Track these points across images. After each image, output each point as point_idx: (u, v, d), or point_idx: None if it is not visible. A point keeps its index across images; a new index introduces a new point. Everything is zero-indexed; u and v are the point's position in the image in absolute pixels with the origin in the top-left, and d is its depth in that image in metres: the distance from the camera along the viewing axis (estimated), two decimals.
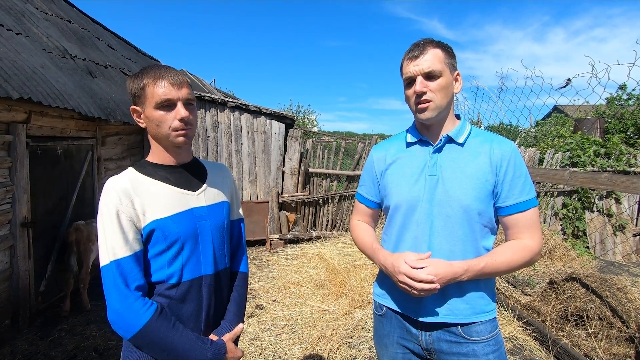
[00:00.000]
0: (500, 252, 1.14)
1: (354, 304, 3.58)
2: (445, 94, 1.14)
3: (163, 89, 1.02)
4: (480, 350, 1.14)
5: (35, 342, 3.00)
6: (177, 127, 1.04)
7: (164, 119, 1.03)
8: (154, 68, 1.05)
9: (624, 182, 2.09)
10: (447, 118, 1.20)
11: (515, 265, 1.13)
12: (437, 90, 1.13)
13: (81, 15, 6.36)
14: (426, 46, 1.14)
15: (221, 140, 5.89)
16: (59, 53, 4.11)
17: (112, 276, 0.95)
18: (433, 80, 1.13)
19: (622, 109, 7.81)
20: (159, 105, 1.02)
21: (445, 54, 1.15)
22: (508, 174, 1.13)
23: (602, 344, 2.63)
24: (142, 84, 1.03)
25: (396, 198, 1.23)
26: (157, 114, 1.03)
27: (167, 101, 1.02)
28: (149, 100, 1.03)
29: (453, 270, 1.07)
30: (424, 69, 1.12)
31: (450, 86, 1.16)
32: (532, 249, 1.13)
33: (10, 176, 3.06)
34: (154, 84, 1.02)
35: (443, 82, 1.13)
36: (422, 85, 1.12)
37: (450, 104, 1.19)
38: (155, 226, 1.02)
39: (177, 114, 1.03)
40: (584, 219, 5.59)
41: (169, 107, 1.03)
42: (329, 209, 6.26)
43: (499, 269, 1.12)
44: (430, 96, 1.13)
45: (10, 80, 2.78)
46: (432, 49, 1.14)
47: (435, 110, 1.14)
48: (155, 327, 0.96)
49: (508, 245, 1.16)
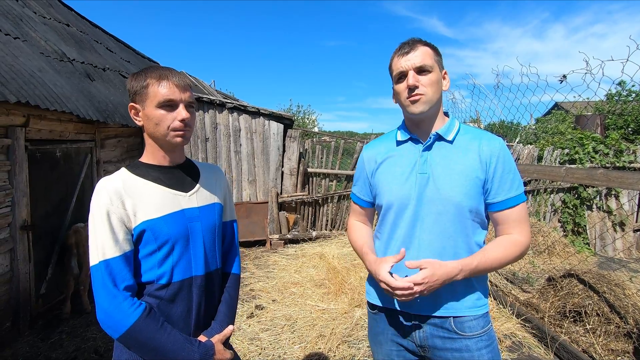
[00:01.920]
0: (492, 248, 1.15)
1: (353, 303, 3.59)
2: (436, 88, 1.17)
3: (167, 89, 1.04)
4: (473, 345, 1.16)
5: (36, 344, 3.02)
6: (177, 127, 1.05)
7: (164, 118, 1.04)
8: (159, 68, 1.07)
9: (619, 177, 2.09)
10: (436, 115, 1.22)
11: (507, 261, 1.15)
12: (428, 85, 1.15)
13: (79, 19, 6.37)
14: (416, 43, 1.18)
15: (220, 142, 5.91)
16: (57, 56, 4.12)
17: (101, 276, 0.96)
18: (424, 75, 1.15)
19: (622, 105, 7.79)
20: (161, 104, 1.04)
21: (433, 52, 1.19)
22: (498, 170, 1.14)
23: (600, 339, 2.63)
24: (145, 83, 1.04)
25: (387, 197, 1.24)
26: (158, 113, 1.04)
27: (170, 101, 1.04)
28: (151, 98, 1.04)
29: (447, 271, 1.08)
30: (416, 63, 1.14)
31: (440, 82, 1.19)
32: (522, 243, 1.16)
33: (10, 180, 3.08)
34: (158, 83, 1.04)
35: (434, 77, 1.16)
36: (414, 79, 1.14)
37: (439, 101, 1.21)
38: (146, 227, 1.03)
39: (178, 114, 1.05)
40: (583, 216, 5.59)
41: (170, 107, 1.05)
42: (329, 209, 6.27)
43: (492, 266, 1.14)
44: (422, 90, 1.15)
45: (8, 84, 2.79)
46: (421, 46, 1.17)
47: (427, 104, 1.16)
48: (143, 326, 0.96)
49: (499, 241, 1.17)
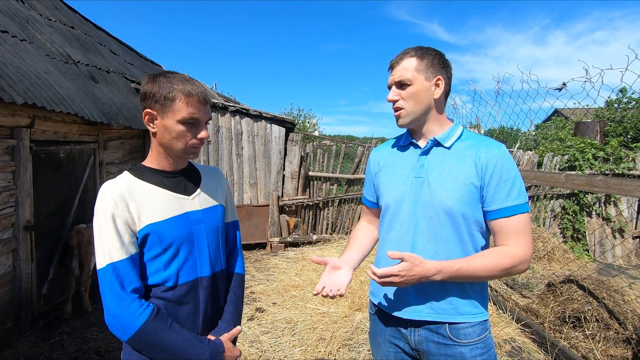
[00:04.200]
0: (480, 256, 1.11)
1: (354, 306, 3.60)
2: (416, 100, 1.17)
3: (194, 108, 1.04)
4: (467, 353, 1.14)
5: (37, 344, 3.03)
6: (195, 144, 1.08)
7: (184, 135, 1.05)
8: (184, 81, 1.05)
9: (618, 184, 2.12)
10: (430, 122, 1.22)
11: (495, 271, 1.09)
12: (407, 98, 1.18)
13: (84, 21, 6.44)
14: (403, 56, 1.20)
15: (222, 145, 5.94)
16: (62, 59, 4.17)
17: (109, 279, 0.97)
18: (404, 89, 1.18)
19: (622, 112, 7.83)
20: (185, 121, 1.04)
21: (419, 62, 1.17)
22: (493, 177, 1.12)
23: (599, 345, 2.64)
24: (172, 95, 1.03)
25: (385, 198, 1.28)
26: (179, 128, 1.04)
27: (194, 120, 1.05)
28: (175, 112, 1.03)
29: (426, 268, 1.05)
30: (395, 79, 1.19)
31: (424, 92, 1.17)
32: (517, 256, 1.10)
33: (14, 180, 3.10)
34: (186, 100, 1.03)
35: (413, 89, 1.17)
36: (393, 94, 1.20)
37: (428, 110, 1.20)
38: (150, 230, 1.04)
39: (198, 132, 1.07)
40: (583, 222, 5.61)
41: (192, 125, 1.06)
42: (329, 213, 6.29)
43: (477, 273, 1.09)
44: (401, 104, 1.19)
45: (15, 86, 2.82)
46: (407, 59, 1.18)
47: (407, 117, 1.19)
48: (151, 328, 0.97)
49: (491, 250, 1.14)
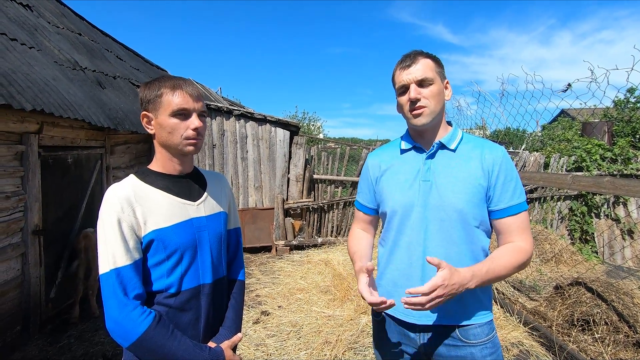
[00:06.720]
0: (499, 256, 1.13)
1: (359, 309, 3.58)
2: (438, 100, 1.19)
3: (180, 98, 1.05)
4: (477, 353, 1.16)
5: (45, 348, 3.06)
6: (190, 136, 1.07)
7: (177, 127, 1.06)
8: (172, 78, 1.09)
9: (626, 185, 2.09)
10: (439, 125, 1.24)
11: (514, 268, 1.14)
12: (430, 97, 1.17)
13: (91, 28, 6.53)
14: (417, 56, 1.20)
15: (227, 148, 5.98)
16: (70, 65, 4.23)
17: (112, 284, 0.96)
18: (426, 87, 1.18)
19: (630, 112, 7.74)
20: (175, 113, 1.05)
21: (434, 64, 1.21)
22: (500, 178, 1.16)
23: (609, 349, 2.60)
24: (160, 92, 1.06)
25: (391, 204, 1.26)
26: (171, 122, 1.06)
27: (184, 110, 1.06)
28: (165, 107, 1.05)
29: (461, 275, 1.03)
30: (417, 77, 1.17)
31: (442, 93, 1.21)
32: (527, 250, 1.15)
33: (23, 185, 3.15)
34: (172, 93, 1.06)
35: (435, 89, 1.18)
36: (416, 92, 1.17)
37: (442, 111, 1.23)
38: (155, 236, 1.03)
39: (191, 123, 1.07)
40: (591, 223, 5.53)
41: (183, 117, 1.06)
42: (334, 215, 6.28)
43: (501, 273, 1.12)
44: (424, 102, 1.17)
45: (24, 93, 2.87)
46: (422, 59, 1.19)
47: (430, 116, 1.18)
48: (153, 335, 0.96)
49: (505, 248, 1.16)
